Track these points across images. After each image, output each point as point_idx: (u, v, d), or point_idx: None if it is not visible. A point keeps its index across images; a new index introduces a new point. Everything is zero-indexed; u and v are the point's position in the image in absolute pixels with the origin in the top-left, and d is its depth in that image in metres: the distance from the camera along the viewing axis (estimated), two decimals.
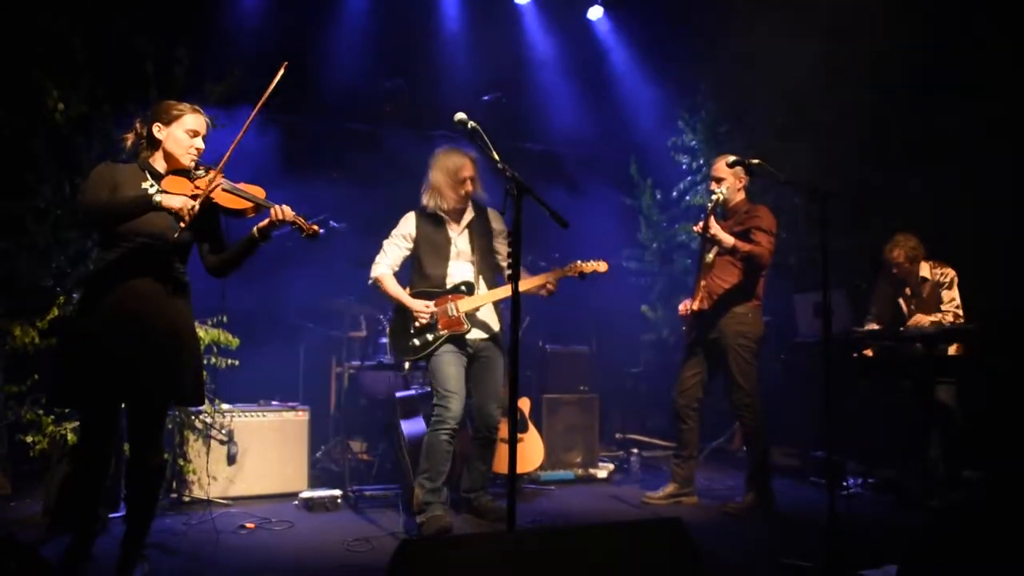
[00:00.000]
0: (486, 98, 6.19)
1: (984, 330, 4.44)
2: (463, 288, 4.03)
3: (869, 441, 5.18)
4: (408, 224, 4.11)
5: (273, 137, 5.17)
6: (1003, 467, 4.78)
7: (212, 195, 2.84)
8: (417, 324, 3.96)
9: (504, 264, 4.13)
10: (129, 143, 2.97)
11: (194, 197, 2.78)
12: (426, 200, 4.05)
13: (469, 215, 4.11)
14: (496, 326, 4.12)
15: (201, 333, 4.16)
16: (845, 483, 4.91)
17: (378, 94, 6.55)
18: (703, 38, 6.53)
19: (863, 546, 3.61)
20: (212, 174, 2.89)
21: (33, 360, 4.20)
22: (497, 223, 4.19)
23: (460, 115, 3.12)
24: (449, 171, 3.98)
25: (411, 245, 4.10)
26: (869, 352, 4.99)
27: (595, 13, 7.16)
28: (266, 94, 2.88)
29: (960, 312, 4.82)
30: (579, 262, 4.03)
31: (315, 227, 2.97)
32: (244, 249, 3.00)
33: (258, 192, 2.97)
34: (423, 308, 3.94)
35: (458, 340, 3.98)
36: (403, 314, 4.03)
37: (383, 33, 6.42)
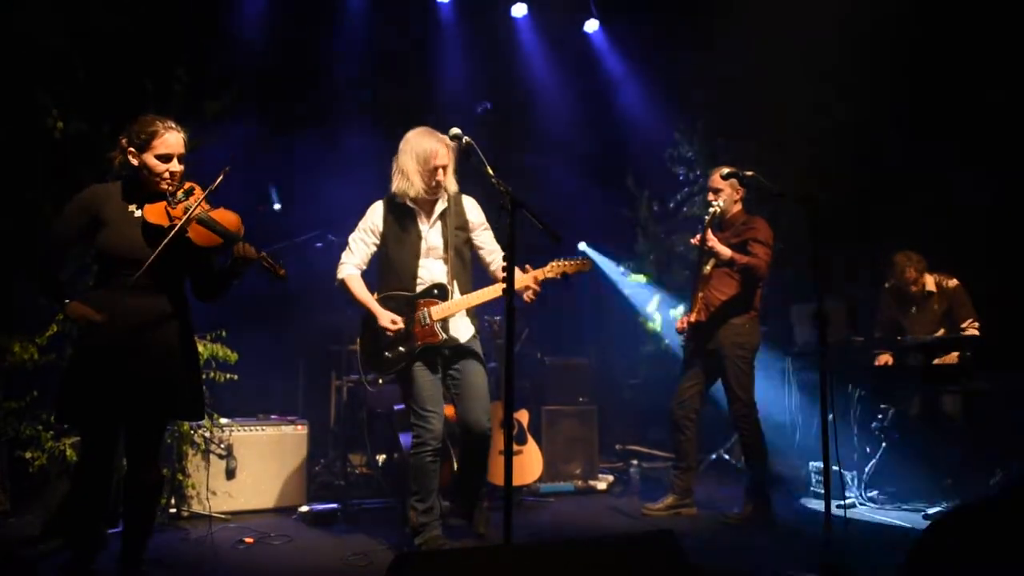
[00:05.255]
0: (479, 110, 6.21)
1: (986, 339, 4.45)
2: (435, 292, 3.64)
3: (868, 451, 5.17)
4: (375, 215, 3.73)
5: None
6: (1007, 472, 4.77)
7: (187, 228, 2.81)
8: (388, 334, 3.61)
9: (488, 259, 3.80)
10: (116, 162, 2.95)
11: (169, 229, 2.78)
12: (395, 185, 3.64)
13: (441, 205, 3.69)
14: (471, 330, 3.74)
15: (200, 348, 4.15)
16: (845, 493, 4.90)
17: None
18: (699, 49, 6.57)
19: (863, 556, 3.60)
20: (192, 199, 2.86)
21: (32, 376, 4.20)
22: (474, 214, 3.78)
23: (455, 130, 3.15)
24: (419, 157, 3.56)
25: (378, 240, 3.72)
26: (881, 360, 4.99)
27: (591, 25, 7.21)
28: (214, 185, 2.84)
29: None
30: (560, 261, 3.54)
31: (280, 270, 2.93)
32: (222, 281, 3.05)
33: (231, 223, 2.90)
34: (390, 324, 3.57)
35: (432, 351, 3.64)
36: (373, 323, 3.64)
37: (381, 45, 6.47)
